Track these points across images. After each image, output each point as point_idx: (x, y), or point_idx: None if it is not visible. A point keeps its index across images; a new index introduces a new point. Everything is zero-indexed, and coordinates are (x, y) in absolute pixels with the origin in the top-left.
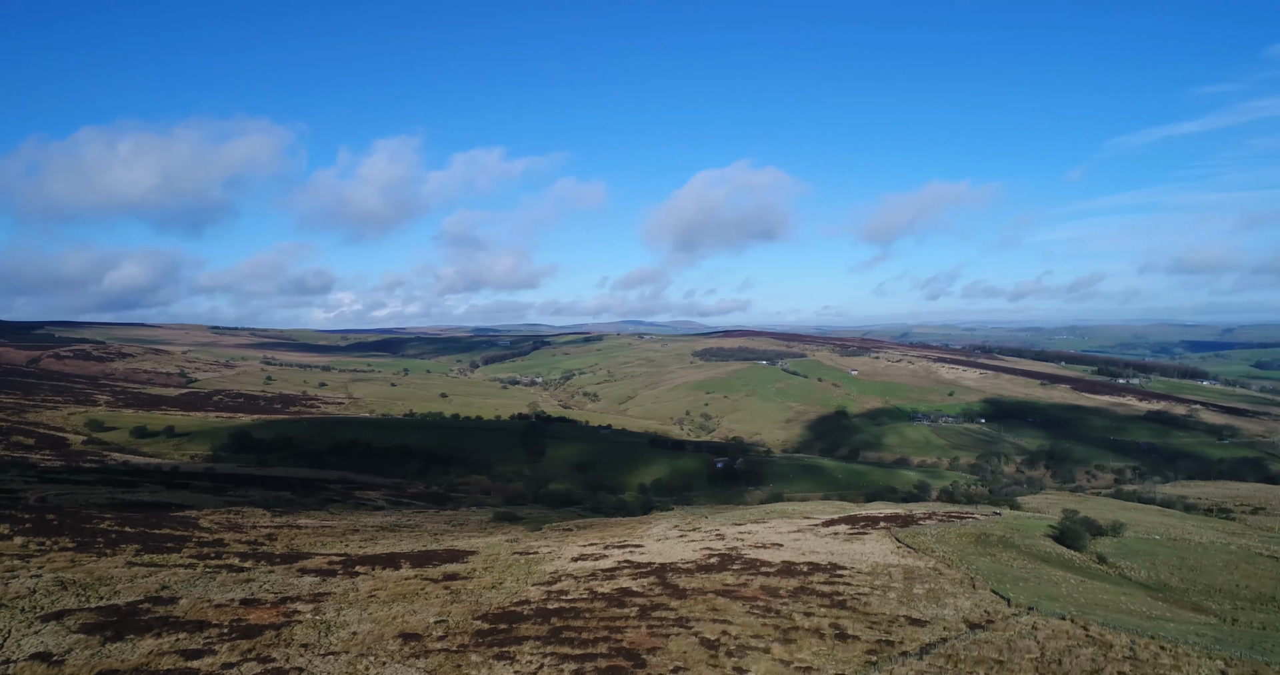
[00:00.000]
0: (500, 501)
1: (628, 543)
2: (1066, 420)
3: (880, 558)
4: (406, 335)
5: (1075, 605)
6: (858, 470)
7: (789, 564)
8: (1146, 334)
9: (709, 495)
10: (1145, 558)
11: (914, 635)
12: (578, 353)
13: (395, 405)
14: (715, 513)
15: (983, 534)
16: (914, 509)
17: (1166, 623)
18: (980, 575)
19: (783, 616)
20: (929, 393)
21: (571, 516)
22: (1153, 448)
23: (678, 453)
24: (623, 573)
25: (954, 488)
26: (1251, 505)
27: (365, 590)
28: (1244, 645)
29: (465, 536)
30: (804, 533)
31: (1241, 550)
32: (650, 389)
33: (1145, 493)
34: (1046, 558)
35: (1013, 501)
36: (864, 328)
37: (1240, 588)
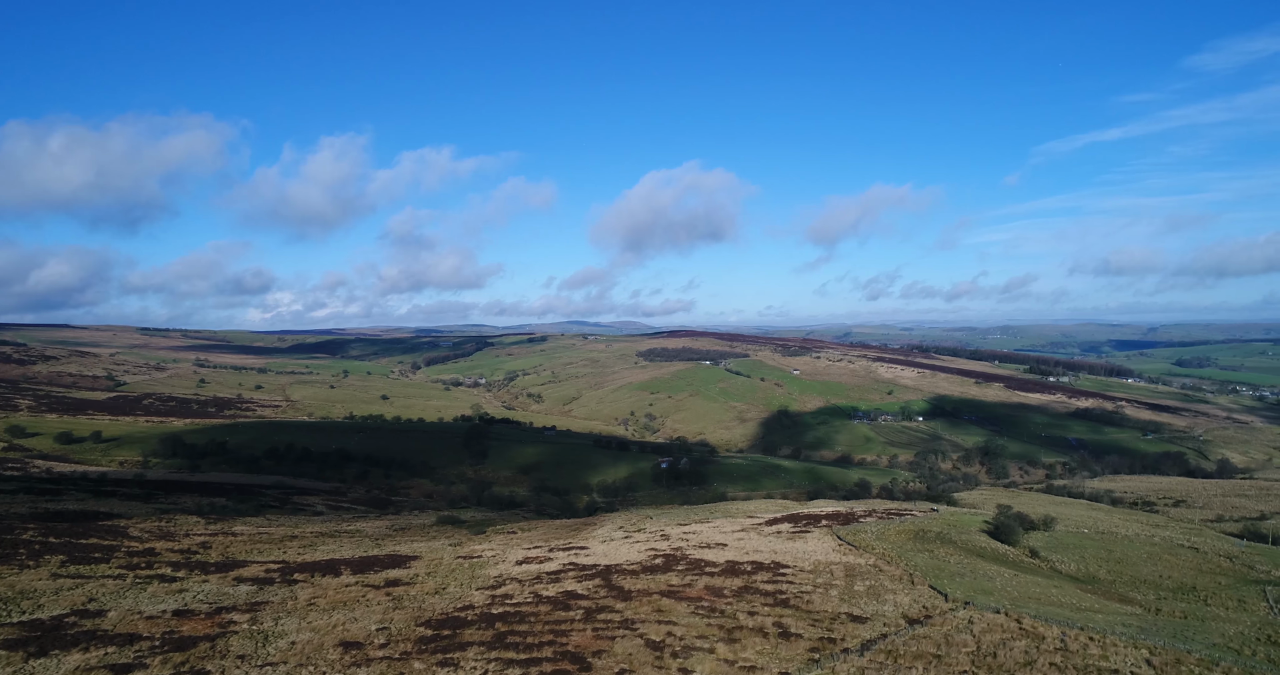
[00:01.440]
0: (443, 505)
1: (573, 545)
2: (1001, 417)
3: (822, 556)
4: (347, 336)
5: (1009, 599)
6: (799, 469)
7: (733, 563)
8: (1075, 333)
9: (654, 496)
10: (1075, 551)
11: (855, 632)
12: (522, 354)
13: (335, 408)
14: (660, 513)
15: (921, 530)
16: (855, 506)
17: (1095, 614)
18: (919, 571)
19: (727, 616)
20: (869, 392)
21: (516, 519)
22: (1082, 443)
23: (622, 453)
24: (568, 575)
25: (893, 485)
26: (1173, 498)
27: (304, 598)
28: (1167, 634)
29: (407, 541)
30: (748, 532)
31: (1164, 542)
32: (595, 390)
33: (1075, 487)
34: (982, 553)
35: (950, 498)
36: (806, 328)
37: (1163, 578)
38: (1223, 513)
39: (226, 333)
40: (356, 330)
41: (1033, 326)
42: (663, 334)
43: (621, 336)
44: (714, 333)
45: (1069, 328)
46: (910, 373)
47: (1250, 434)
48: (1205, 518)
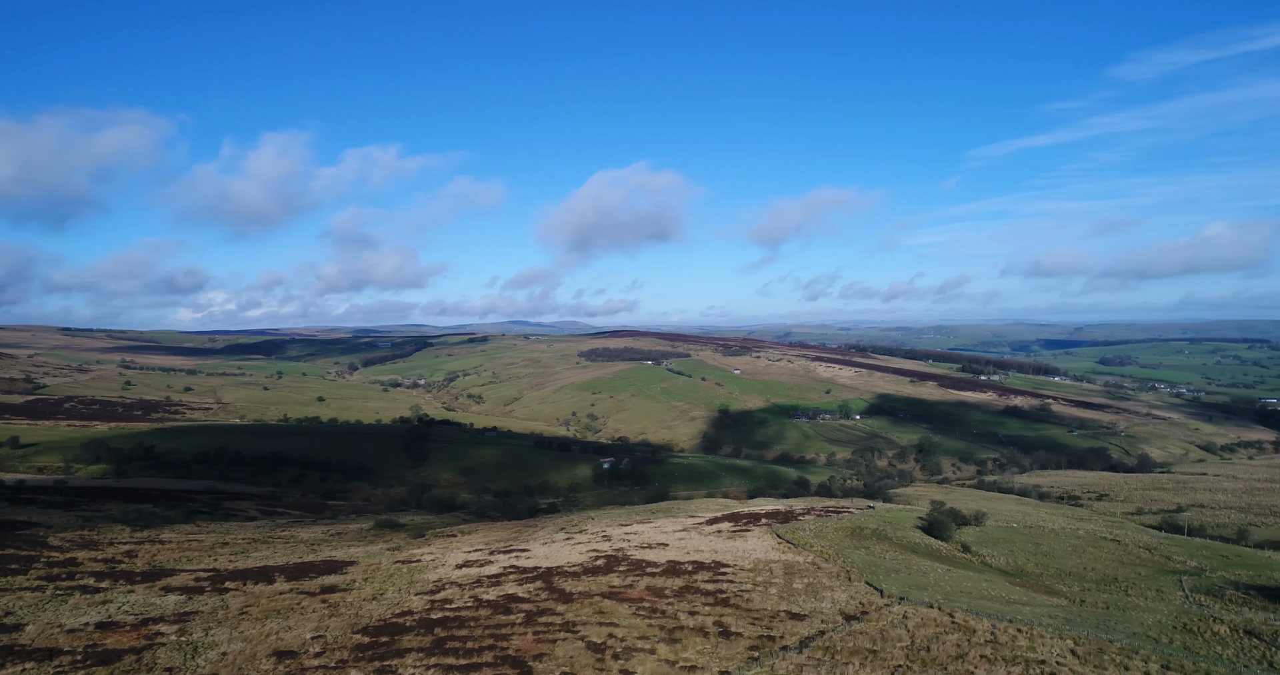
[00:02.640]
0: (381, 508)
1: (513, 547)
2: (935, 415)
3: (762, 554)
4: (282, 336)
5: (942, 593)
6: (740, 467)
7: (674, 563)
8: (1006, 333)
9: (596, 496)
10: (1004, 545)
11: (794, 629)
12: (462, 354)
13: (269, 410)
14: (602, 514)
15: (858, 527)
16: (794, 504)
17: (1023, 606)
18: (856, 568)
19: (668, 616)
20: (808, 391)
21: (456, 522)
22: (1012, 440)
23: (564, 454)
24: (508, 578)
25: (831, 482)
26: (1097, 492)
27: (236, 607)
28: (1090, 624)
29: (344, 546)
30: (689, 531)
31: (1088, 535)
32: (536, 390)
33: (1005, 483)
34: (916, 548)
35: (886, 495)
36: (747, 328)
37: (1087, 570)
38: (1143, 506)
39: (155, 333)
40: (292, 330)
41: (966, 326)
42: (605, 334)
43: (564, 336)
44: (656, 333)
45: (1000, 327)
46: (848, 372)
47: (1169, 429)
48: (1127, 511)
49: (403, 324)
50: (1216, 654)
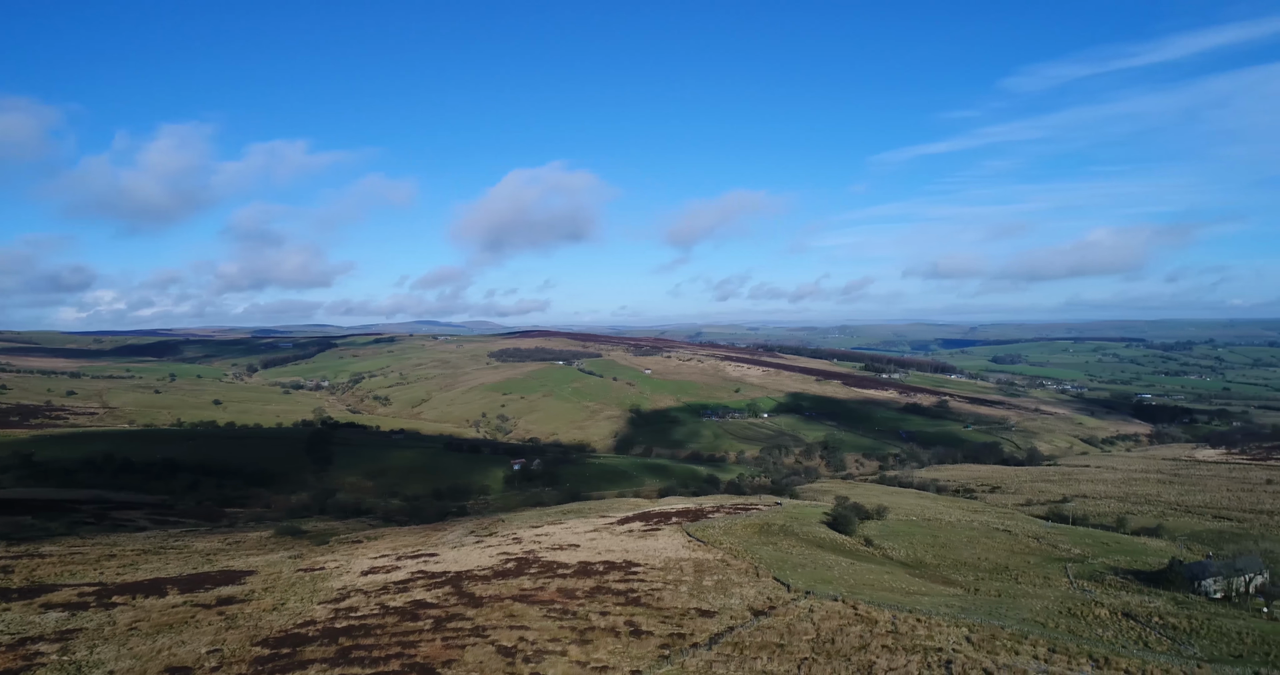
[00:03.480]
0: (283, 515)
1: (422, 552)
2: (840, 413)
3: (672, 552)
4: (176, 337)
5: (846, 586)
6: (652, 467)
7: (586, 564)
8: (907, 333)
9: (507, 498)
10: (904, 538)
11: (704, 626)
12: (368, 355)
13: (161, 414)
14: (513, 516)
15: (766, 524)
16: (704, 503)
17: (922, 597)
18: (764, 564)
19: (579, 617)
20: (717, 390)
21: (362, 527)
22: (912, 436)
23: (474, 456)
24: (416, 584)
25: (740, 480)
26: (990, 485)
27: (124, 623)
28: (984, 612)
29: (243, 555)
30: (600, 532)
31: (982, 526)
32: (446, 391)
33: (905, 477)
34: (822, 543)
35: (793, 491)
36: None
37: (981, 560)
38: (1032, 497)
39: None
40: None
41: (868, 326)
42: (516, 334)
43: (474, 337)
44: (567, 333)
45: (901, 327)
46: (756, 371)
47: (1056, 424)
48: (1017, 502)
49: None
50: (1098, 636)
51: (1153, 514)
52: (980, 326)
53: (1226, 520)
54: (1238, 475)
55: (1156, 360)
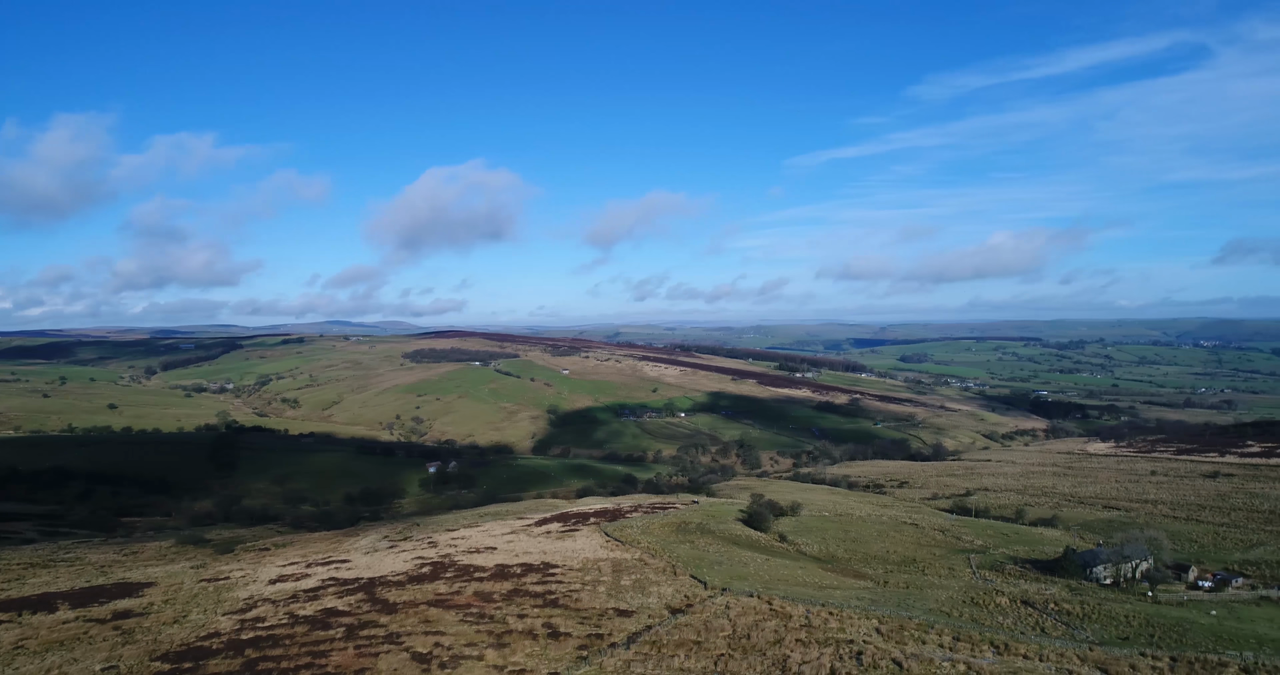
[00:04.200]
0: (185, 523)
1: (333, 558)
2: (755, 411)
3: (591, 553)
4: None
5: (762, 582)
6: (570, 467)
7: (503, 567)
8: (820, 332)
9: (422, 501)
10: (817, 533)
11: (622, 626)
12: (276, 356)
13: (50, 420)
14: (428, 520)
15: (683, 522)
16: (621, 502)
17: (834, 590)
18: (681, 562)
19: (496, 621)
20: (635, 390)
21: (270, 534)
22: (825, 433)
23: (388, 459)
24: (328, 592)
25: (658, 479)
26: (899, 480)
27: (9, 641)
28: (893, 604)
29: (141, 566)
30: (518, 534)
31: (891, 520)
32: (358, 393)
33: (818, 474)
34: (737, 540)
35: (709, 489)
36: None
37: (890, 553)
38: (937, 491)
39: None
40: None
41: (783, 326)
42: (431, 334)
43: (388, 337)
44: (484, 333)
45: (814, 327)
46: (674, 371)
47: (960, 420)
48: (924, 496)
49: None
50: (998, 623)
51: (1049, 505)
52: (889, 326)
53: (1115, 510)
54: (1125, 467)
55: (1052, 358)
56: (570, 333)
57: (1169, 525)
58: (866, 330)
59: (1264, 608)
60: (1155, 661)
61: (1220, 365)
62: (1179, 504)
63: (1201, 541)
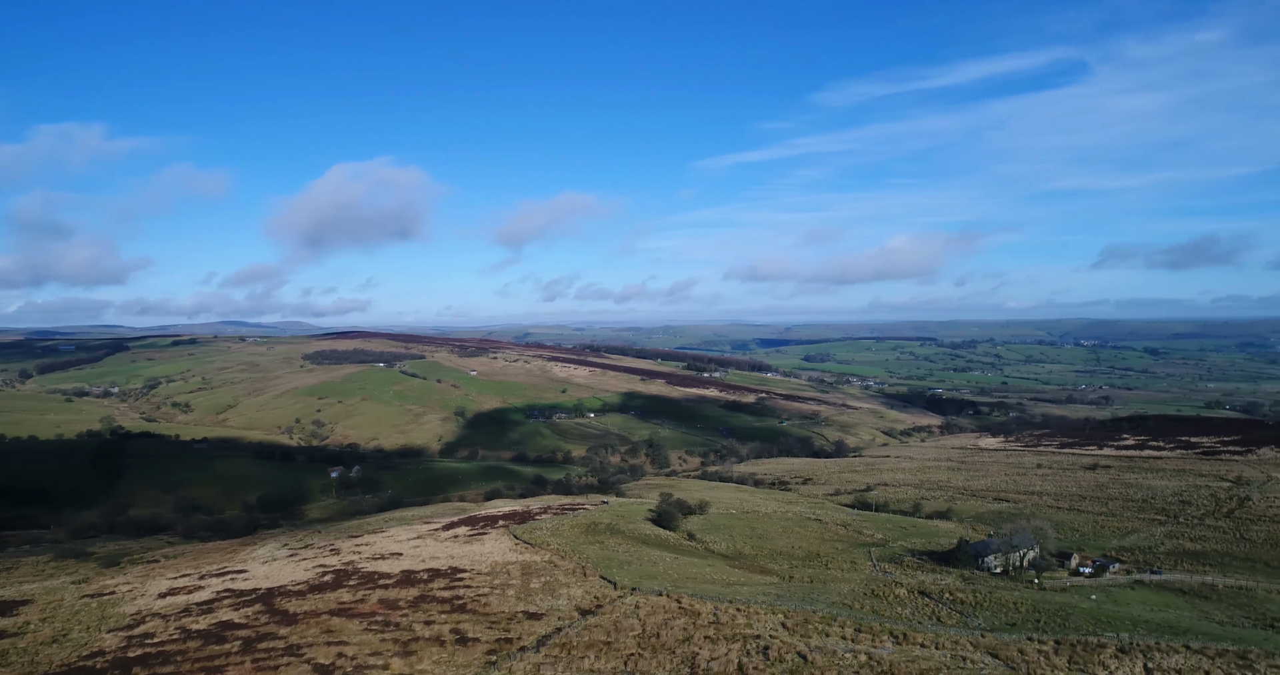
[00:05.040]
0: (65, 536)
1: (229, 569)
2: (664, 411)
3: (499, 556)
4: None
5: (671, 581)
6: (478, 469)
7: (409, 573)
8: (727, 333)
9: (325, 508)
10: (725, 531)
11: (531, 629)
12: (166, 358)
13: None
14: (331, 526)
15: (593, 523)
16: (531, 504)
17: (741, 587)
18: (591, 563)
19: (403, 628)
20: (544, 391)
21: (160, 546)
22: (732, 431)
23: (287, 464)
24: (223, 604)
25: (568, 480)
26: (803, 476)
27: None
28: (797, 598)
29: (15, 583)
30: (424, 538)
31: (796, 517)
32: (255, 396)
33: (725, 472)
34: (647, 540)
35: (619, 489)
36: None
37: (795, 549)
38: (840, 487)
39: None
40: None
41: (691, 326)
42: (333, 335)
43: (287, 338)
44: (389, 334)
45: (722, 327)
46: (583, 371)
47: (861, 417)
48: (827, 492)
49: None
50: (897, 614)
51: (944, 498)
52: (794, 327)
53: (1005, 502)
54: (1014, 461)
55: (946, 358)
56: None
57: (1053, 515)
58: (772, 330)
59: (1138, 591)
60: (1041, 645)
61: (1099, 363)
62: (1062, 495)
63: (1082, 530)
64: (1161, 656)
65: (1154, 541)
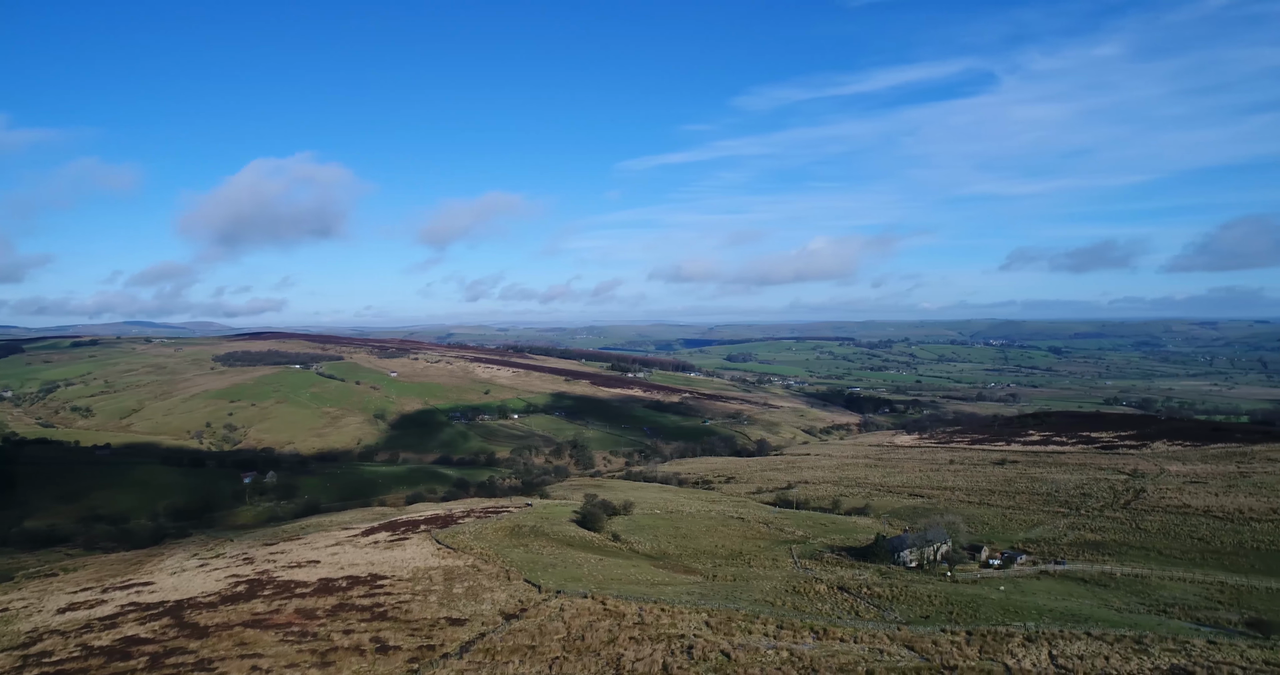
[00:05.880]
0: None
1: (134, 581)
2: (588, 412)
3: (421, 562)
4: None
5: (595, 583)
6: (399, 473)
7: (327, 581)
8: (651, 333)
9: (238, 515)
10: (649, 531)
11: (454, 635)
12: (64, 360)
13: None
14: (244, 534)
15: (517, 526)
16: (453, 508)
17: (665, 587)
18: (515, 566)
19: (320, 638)
20: (467, 392)
21: (58, 558)
22: (656, 431)
23: (197, 470)
24: (128, 618)
25: (491, 482)
26: (726, 475)
27: None
28: (721, 597)
29: None
30: (343, 545)
31: (719, 515)
32: (162, 400)
33: (650, 472)
34: (572, 542)
35: (543, 491)
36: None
37: (718, 548)
38: (762, 485)
39: None
40: None
41: (616, 327)
42: (246, 336)
43: (197, 339)
44: (305, 334)
45: (646, 328)
46: (506, 372)
47: (782, 416)
48: (749, 491)
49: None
50: (818, 610)
51: (862, 495)
52: (717, 327)
53: (919, 497)
54: (927, 457)
55: (864, 357)
56: (399, 334)
57: (965, 509)
58: (696, 331)
59: (1043, 581)
60: (954, 636)
61: (1007, 362)
62: (973, 490)
63: (992, 523)
64: (1065, 644)
65: (1058, 533)
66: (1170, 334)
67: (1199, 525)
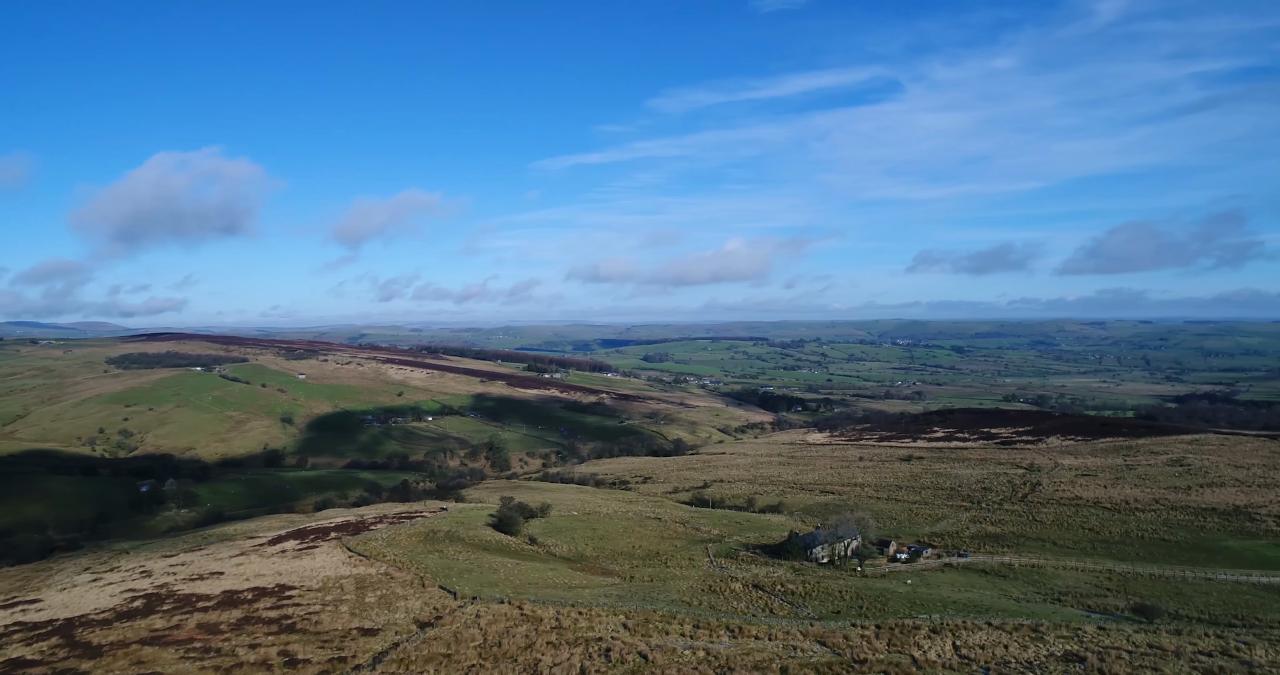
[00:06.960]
0: None
1: (18, 599)
2: (504, 413)
3: (332, 571)
4: None
5: (512, 587)
6: (307, 478)
7: (231, 593)
8: (568, 333)
9: (134, 525)
10: (566, 534)
11: (367, 646)
12: None
13: None
14: (141, 546)
15: (431, 531)
16: (365, 514)
17: (583, 590)
18: (429, 573)
19: (225, 654)
20: (379, 394)
21: None
22: (573, 432)
23: (89, 478)
24: (13, 639)
25: (405, 486)
26: (643, 475)
27: None
28: (638, 598)
29: None
30: (249, 555)
31: (636, 516)
32: (50, 405)
33: (567, 473)
34: (488, 546)
35: (458, 495)
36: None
37: (636, 549)
38: (678, 485)
39: None
40: None
41: (532, 327)
42: (143, 337)
43: (89, 340)
44: (207, 335)
45: (563, 328)
46: (420, 374)
47: (698, 416)
48: (666, 490)
49: None
50: (734, 608)
51: (775, 493)
52: (634, 327)
53: (831, 494)
54: (838, 454)
55: (777, 357)
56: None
57: (874, 505)
58: (612, 331)
59: (947, 573)
60: (864, 630)
61: (913, 361)
62: (882, 486)
63: (900, 518)
64: (967, 634)
65: (961, 526)
66: (1063, 333)
67: (1089, 516)
